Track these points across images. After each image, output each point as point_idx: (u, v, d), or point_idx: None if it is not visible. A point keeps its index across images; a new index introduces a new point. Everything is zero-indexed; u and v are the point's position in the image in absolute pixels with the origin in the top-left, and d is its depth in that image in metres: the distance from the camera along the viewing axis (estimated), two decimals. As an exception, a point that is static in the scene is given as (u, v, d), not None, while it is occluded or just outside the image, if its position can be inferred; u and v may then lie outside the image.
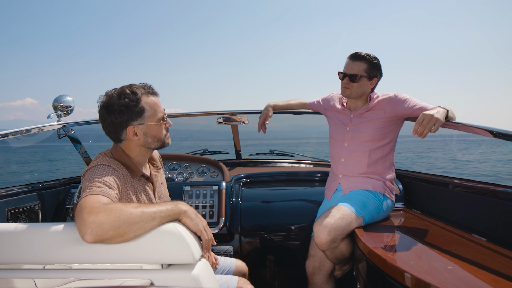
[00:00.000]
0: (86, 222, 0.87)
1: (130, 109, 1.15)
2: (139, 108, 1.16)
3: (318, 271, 1.76)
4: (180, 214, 1.01)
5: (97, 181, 1.03)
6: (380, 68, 1.86)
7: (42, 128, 2.17)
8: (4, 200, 1.79)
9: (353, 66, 1.82)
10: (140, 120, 1.17)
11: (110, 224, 0.88)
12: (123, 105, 1.14)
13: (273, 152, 3.02)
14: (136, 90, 1.17)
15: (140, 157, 1.25)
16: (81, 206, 0.91)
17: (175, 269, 0.98)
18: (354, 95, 1.86)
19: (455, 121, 1.58)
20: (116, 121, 1.16)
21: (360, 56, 1.82)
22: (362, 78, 1.81)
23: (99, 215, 0.88)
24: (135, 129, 1.18)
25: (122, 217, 0.89)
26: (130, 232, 0.90)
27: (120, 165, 1.18)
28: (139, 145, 1.22)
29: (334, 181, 1.98)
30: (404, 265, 1.16)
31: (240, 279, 1.38)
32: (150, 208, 0.95)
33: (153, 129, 1.21)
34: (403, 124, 1.91)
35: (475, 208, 1.63)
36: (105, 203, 0.94)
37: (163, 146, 1.28)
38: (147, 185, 1.28)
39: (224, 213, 2.07)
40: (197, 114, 2.80)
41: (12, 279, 0.99)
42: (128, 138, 1.19)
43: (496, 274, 1.09)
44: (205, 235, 1.05)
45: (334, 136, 2.01)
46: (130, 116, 1.16)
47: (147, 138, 1.21)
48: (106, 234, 0.88)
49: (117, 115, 1.15)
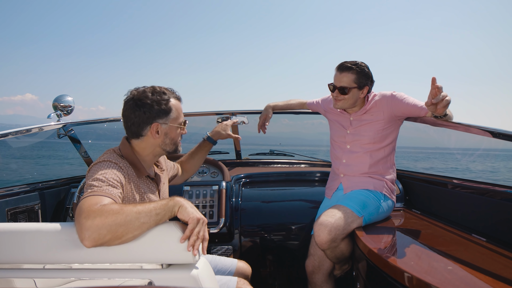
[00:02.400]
0: (84, 227, 0.87)
1: (161, 106, 1.20)
2: (168, 107, 1.22)
3: (318, 270, 1.76)
4: (175, 206, 0.99)
5: (99, 179, 1.03)
6: (369, 76, 1.80)
7: (42, 128, 2.17)
8: (4, 200, 1.79)
9: (341, 78, 1.77)
10: (165, 119, 1.22)
11: (107, 228, 0.88)
12: (155, 101, 1.19)
13: (273, 152, 3.02)
14: (166, 91, 1.23)
15: (150, 156, 1.27)
16: (80, 209, 0.92)
17: (175, 269, 0.98)
18: (347, 106, 1.83)
19: (455, 121, 1.58)
20: (144, 116, 1.19)
21: (347, 67, 1.76)
22: (351, 89, 1.77)
23: (96, 220, 0.88)
24: (159, 128, 1.21)
25: (119, 220, 0.89)
26: (128, 233, 0.90)
27: (126, 163, 1.18)
28: (155, 145, 1.24)
29: (335, 180, 1.98)
30: (404, 265, 1.16)
31: (240, 280, 1.38)
32: (146, 207, 0.95)
33: (173, 131, 1.25)
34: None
35: (475, 208, 1.63)
36: (104, 204, 0.94)
37: (175, 151, 1.30)
38: (152, 185, 1.29)
39: (224, 213, 2.07)
40: (197, 114, 2.80)
41: (12, 279, 0.99)
42: (149, 135, 1.22)
43: (496, 274, 1.09)
44: (193, 225, 0.98)
45: (335, 138, 2.00)
46: (158, 113, 1.20)
47: (166, 139, 1.24)
48: (104, 238, 0.88)
49: (146, 110, 1.18)
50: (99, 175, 1.04)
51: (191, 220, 0.98)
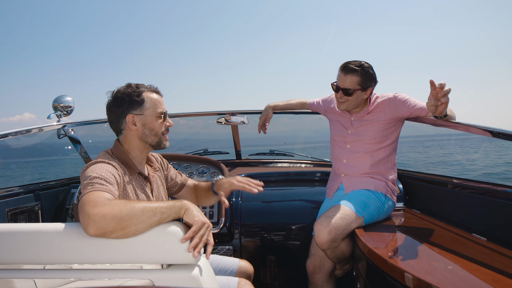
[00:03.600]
0: (90, 214, 0.89)
1: (132, 98, 1.23)
2: (140, 98, 1.24)
3: (318, 270, 1.76)
4: (181, 209, 1.01)
5: (98, 178, 1.04)
6: (374, 78, 1.79)
7: (42, 128, 2.17)
8: (4, 201, 1.79)
9: (346, 80, 1.75)
10: (139, 110, 1.24)
11: (112, 215, 0.90)
12: (125, 94, 1.24)
13: (273, 152, 3.02)
14: (140, 85, 1.27)
15: (137, 151, 1.28)
16: (85, 201, 0.94)
17: (175, 269, 0.98)
18: (351, 107, 1.84)
19: (455, 121, 1.58)
20: (118, 110, 1.24)
21: (352, 69, 1.74)
22: (356, 91, 1.76)
23: (103, 208, 0.90)
24: (134, 119, 1.24)
25: (125, 210, 0.91)
26: (131, 225, 0.91)
27: (118, 162, 1.22)
28: (137, 137, 1.26)
29: (336, 180, 1.98)
30: (404, 265, 1.16)
31: (241, 280, 1.38)
32: (152, 204, 0.97)
33: (151, 122, 1.26)
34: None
35: (475, 208, 1.63)
36: (108, 198, 0.96)
37: (159, 144, 1.30)
38: (145, 184, 1.31)
39: (224, 213, 2.07)
40: (197, 114, 2.81)
41: (12, 279, 0.99)
42: (127, 128, 1.25)
43: (497, 274, 1.09)
44: (197, 228, 0.98)
45: (336, 138, 2.00)
46: (130, 104, 1.23)
47: (144, 130, 1.25)
48: (108, 226, 0.89)
49: (119, 103, 1.24)
50: (96, 174, 1.06)
51: (195, 223, 0.99)
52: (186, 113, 2.77)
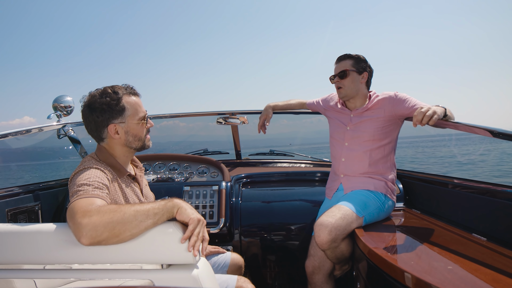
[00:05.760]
0: (80, 225, 0.87)
1: (112, 107, 1.18)
2: (120, 106, 1.20)
3: (318, 271, 1.76)
4: (174, 208, 0.99)
5: (86, 184, 1.02)
6: (367, 62, 1.90)
7: (42, 128, 2.17)
8: (4, 201, 1.79)
9: (339, 65, 1.90)
10: (121, 118, 1.20)
11: (104, 225, 0.88)
12: (104, 104, 1.18)
13: (273, 152, 3.02)
14: (117, 90, 1.21)
15: (123, 157, 1.27)
16: (73, 211, 0.91)
17: (175, 269, 0.98)
18: (350, 93, 1.87)
19: (455, 121, 1.58)
20: (98, 120, 1.19)
21: (345, 55, 1.91)
22: (351, 72, 1.86)
23: (93, 217, 0.88)
24: (116, 128, 1.21)
25: (116, 218, 0.89)
26: (125, 231, 0.90)
27: (106, 166, 1.19)
28: (120, 144, 1.24)
29: (336, 181, 1.98)
30: (404, 265, 1.16)
31: (240, 278, 1.38)
32: (144, 206, 0.95)
33: (134, 128, 1.23)
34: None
35: (475, 208, 1.63)
36: (97, 205, 0.94)
37: (143, 147, 1.29)
38: (134, 185, 1.30)
39: (224, 213, 2.07)
40: (197, 114, 2.81)
41: (12, 279, 0.99)
42: (109, 136, 1.22)
43: (497, 274, 1.09)
44: (194, 226, 0.98)
45: (335, 135, 2.01)
46: (111, 114, 1.19)
47: (128, 137, 1.23)
48: (101, 236, 0.88)
49: (98, 114, 1.18)
50: (84, 181, 1.03)
51: (191, 221, 0.98)
52: (185, 113, 2.77)
